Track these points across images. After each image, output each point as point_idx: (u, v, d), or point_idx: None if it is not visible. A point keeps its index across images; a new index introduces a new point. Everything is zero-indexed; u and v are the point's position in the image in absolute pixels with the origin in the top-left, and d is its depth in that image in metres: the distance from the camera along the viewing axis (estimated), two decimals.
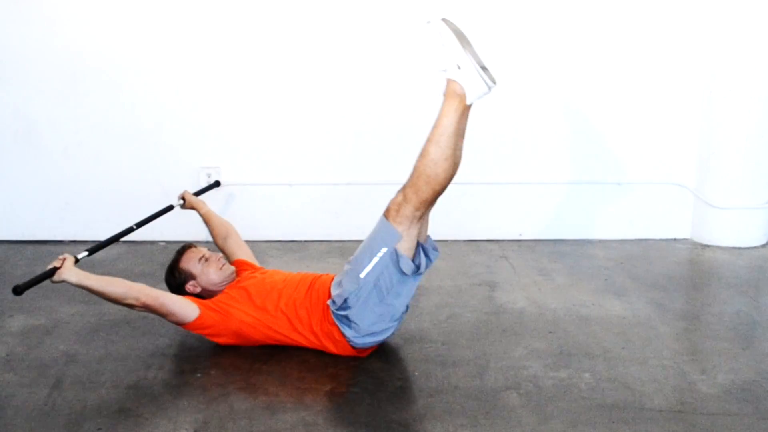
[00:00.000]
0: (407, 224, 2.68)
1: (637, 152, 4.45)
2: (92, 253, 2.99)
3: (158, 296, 2.77)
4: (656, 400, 2.52)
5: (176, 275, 2.97)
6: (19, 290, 2.56)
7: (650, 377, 2.68)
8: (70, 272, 2.67)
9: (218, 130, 4.39)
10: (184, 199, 3.68)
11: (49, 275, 2.65)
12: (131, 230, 3.35)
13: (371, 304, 2.71)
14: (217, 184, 4.31)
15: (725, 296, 3.58)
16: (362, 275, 2.69)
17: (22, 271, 3.86)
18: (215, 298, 2.90)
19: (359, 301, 2.69)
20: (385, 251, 2.68)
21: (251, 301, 2.85)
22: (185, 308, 2.81)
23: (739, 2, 4.14)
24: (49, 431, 2.34)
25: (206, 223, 3.53)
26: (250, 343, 2.89)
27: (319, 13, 4.28)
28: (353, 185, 4.44)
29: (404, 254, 2.69)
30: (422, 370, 2.75)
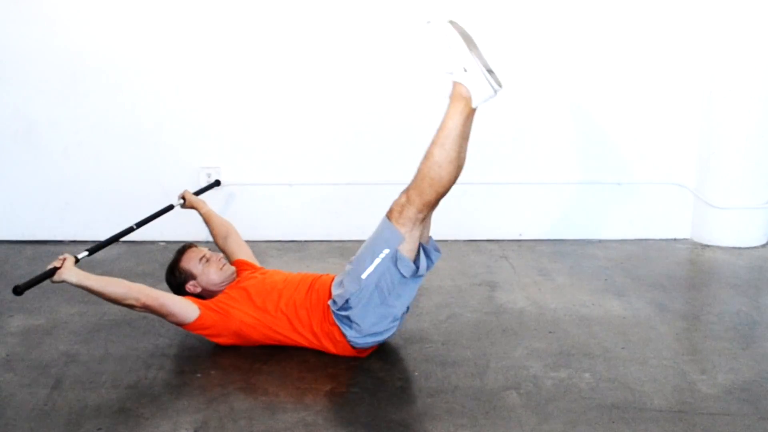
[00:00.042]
0: (410, 226, 2.68)
1: (637, 152, 4.45)
2: (92, 252, 2.99)
3: (158, 297, 2.77)
4: (656, 400, 2.52)
5: (176, 275, 2.98)
6: (19, 290, 2.56)
7: (650, 377, 2.68)
8: (70, 272, 2.67)
9: (218, 130, 4.39)
10: (184, 198, 3.68)
11: (49, 275, 2.65)
12: (131, 230, 3.35)
13: (373, 305, 2.71)
14: (217, 183, 4.31)
15: (725, 296, 3.58)
16: (364, 276, 2.69)
17: (22, 271, 3.86)
18: (215, 298, 2.90)
19: (361, 301, 2.69)
20: (387, 252, 2.68)
21: (251, 301, 2.85)
22: (185, 309, 2.81)
23: (739, 3, 4.14)
24: (49, 431, 2.34)
25: (206, 222, 3.52)
26: (250, 343, 2.89)
27: (318, 13, 4.28)
28: (353, 185, 4.44)
29: (405, 256, 2.69)
30: (422, 370, 2.75)
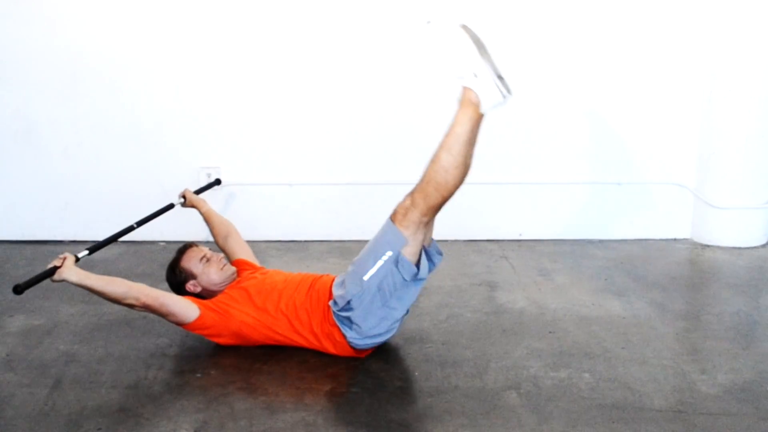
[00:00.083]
0: (414, 229, 2.67)
1: (637, 152, 4.45)
2: (93, 251, 2.99)
3: (158, 296, 2.77)
4: (656, 400, 2.52)
5: (177, 274, 2.97)
6: (19, 289, 2.55)
7: (650, 377, 2.67)
8: (70, 271, 2.66)
9: (218, 130, 4.39)
10: (184, 197, 3.67)
11: (49, 274, 2.64)
12: (132, 229, 3.34)
13: (374, 307, 2.70)
14: (217, 182, 4.31)
15: (725, 296, 3.58)
16: (366, 278, 2.68)
17: (22, 271, 3.86)
18: (215, 298, 2.89)
19: (362, 303, 2.69)
20: (389, 255, 2.67)
21: (251, 301, 2.84)
22: (185, 308, 2.80)
23: (739, 2, 4.14)
24: (49, 431, 2.34)
25: (207, 221, 3.51)
26: (250, 343, 2.89)
27: (318, 13, 4.28)
28: (353, 185, 4.44)
29: (408, 259, 2.68)
30: (422, 370, 2.75)
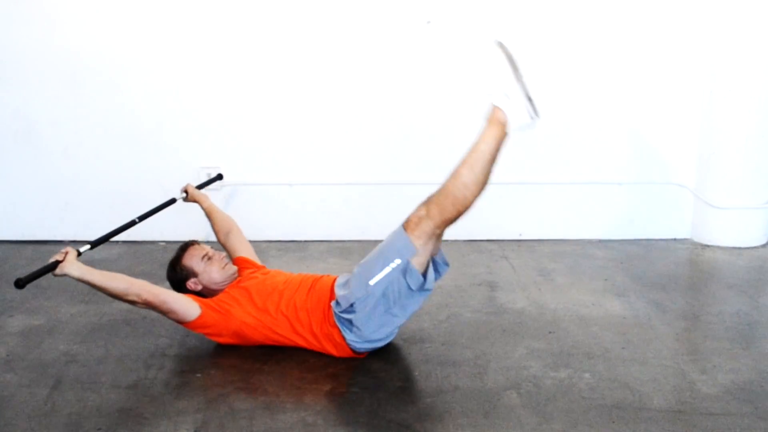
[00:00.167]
0: (425, 239, 2.66)
1: (637, 152, 4.45)
2: (94, 246, 2.96)
3: (160, 294, 2.76)
4: (656, 400, 2.52)
5: (178, 271, 2.96)
6: (21, 283, 2.54)
7: (650, 377, 2.67)
8: (72, 266, 2.65)
9: (218, 130, 4.39)
10: (186, 192, 3.64)
11: (51, 269, 2.63)
12: (134, 223, 3.31)
13: (377, 312, 2.70)
14: (219, 177, 4.28)
15: (725, 296, 3.58)
16: (372, 282, 2.68)
17: (22, 271, 3.83)
18: (216, 297, 2.89)
19: (366, 308, 2.68)
20: (398, 263, 2.66)
21: (252, 301, 2.84)
22: (187, 307, 2.80)
23: (739, 3, 4.14)
24: (49, 431, 2.34)
25: (208, 217, 3.48)
26: (250, 343, 2.88)
27: (318, 13, 4.28)
28: (353, 185, 4.44)
29: (416, 268, 2.67)
30: (422, 370, 2.75)
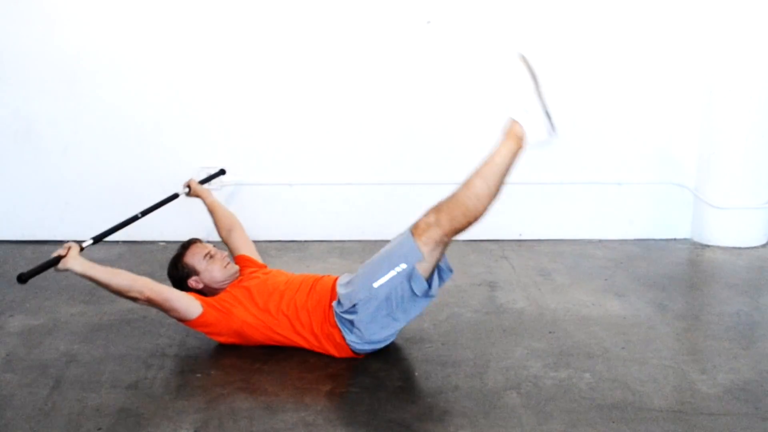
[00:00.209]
0: (432, 246, 2.65)
1: (637, 152, 4.44)
2: (97, 241, 2.95)
3: (162, 291, 2.76)
4: (656, 400, 2.52)
5: (179, 268, 2.94)
6: (23, 278, 2.54)
7: (650, 377, 2.67)
8: (75, 261, 2.64)
9: (218, 130, 4.39)
10: (189, 187, 3.62)
11: (53, 263, 2.62)
12: (136, 218, 3.28)
13: (379, 315, 2.70)
14: (222, 172, 4.25)
15: (725, 296, 3.58)
16: (376, 285, 2.67)
17: (22, 271, 3.84)
18: (218, 296, 2.89)
19: (368, 309, 2.68)
20: (403, 267, 2.66)
21: (254, 301, 2.84)
22: (188, 305, 2.80)
23: (739, 3, 4.14)
24: (49, 431, 2.34)
25: (211, 213, 3.45)
26: (250, 343, 2.88)
27: (317, 13, 4.28)
28: (353, 185, 4.43)
29: (420, 274, 2.67)
30: (422, 370, 2.75)
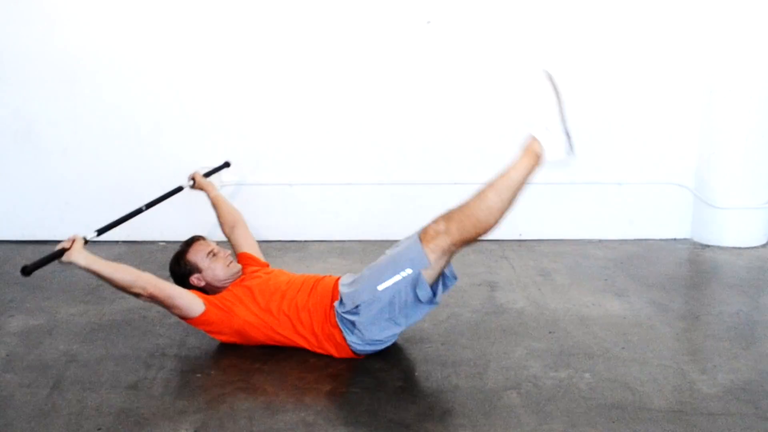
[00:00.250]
0: (439, 254, 2.65)
1: (637, 152, 4.44)
2: (101, 233, 2.93)
3: (165, 288, 2.75)
4: (656, 400, 2.52)
5: (182, 265, 2.94)
6: (27, 270, 2.53)
7: (650, 377, 2.67)
8: (79, 254, 2.63)
9: (218, 130, 4.39)
10: (194, 179, 3.61)
11: (57, 256, 2.61)
12: (140, 211, 3.27)
13: (381, 318, 2.70)
14: (226, 164, 4.23)
15: (725, 296, 3.58)
16: (380, 288, 2.67)
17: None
18: (220, 295, 2.88)
19: (370, 312, 2.68)
20: (409, 273, 2.66)
21: (255, 301, 2.84)
22: (191, 303, 2.80)
23: (739, 3, 4.14)
24: (49, 431, 2.34)
25: (215, 207, 3.45)
26: (251, 342, 2.88)
27: (317, 13, 4.28)
28: (354, 185, 4.43)
29: (426, 281, 2.67)
30: (422, 370, 2.75)
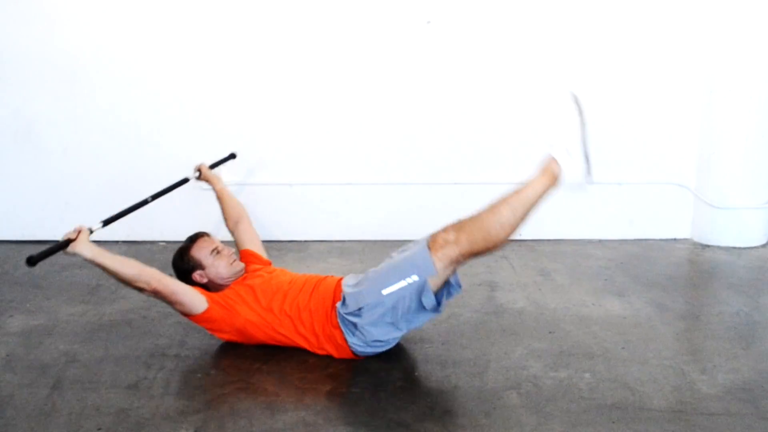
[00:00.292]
0: (446, 263, 2.65)
1: (637, 152, 4.44)
2: (107, 224, 2.92)
3: (169, 284, 2.75)
4: (656, 400, 2.52)
5: (185, 261, 2.93)
6: (33, 261, 2.52)
7: (650, 377, 2.67)
8: (84, 246, 2.63)
9: (218, 130, 4.39)
10: (200, 171, 3.59)
11: (62, 247, 2.60)
12: (146, 202, 3.24)
13: (383, 321, 2.70)
14: (232, 156, 4.19)
15: (725, 296, 3.58)
16: (385, 292, 2.67)
17: (22, 271, 3.86)
18: (223, 293, 2.88)
19: (373, 315, 2.68)
20: (415, 280, 2.65)
21: (257, 300, 2.84)
22: (194, 300, 2.80)
23: (739, 3, 4.14)
24: (49, 431, 2.34)
25: (219, 200, 3.44)
26: (251, 341, 2.88)
27: (317, 14, 4.28)
28: (353, 185, 4.44)
29: (430, 289, 2.67)
30: (422, 370, 2.75)
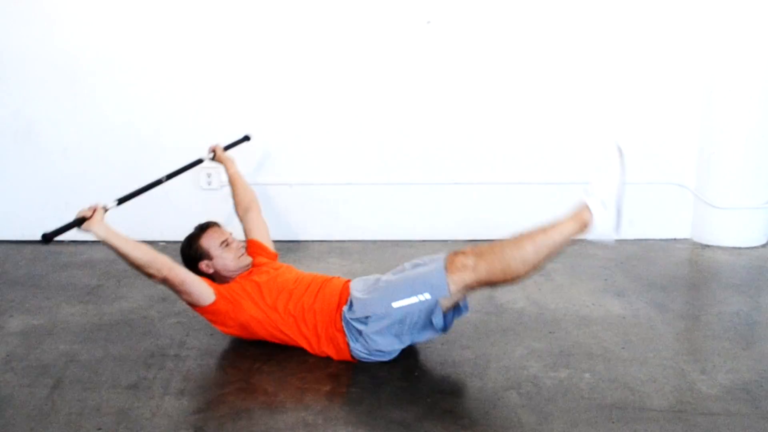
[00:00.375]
0: (460, 286, 2.64)
1: (637, 152, 4.43)
2: (122, 202, 2.92)
3: (180, 273, 2.74)
4: (656, 400, 2.52)
5: (193, 249, 2.92)
6: (47, 237, 2.53)
7: (650, 377, 2.67)
8: (99, 226, 2.63)
9: (217, 130, 4.36)
10: (214, 152, 3.58)
11: (77, 224, 2.61)
12: (160, 182, 3.23)
13: (389, 333, 2.70)
14: (246, 138, 4.11)
15: (725, 296, 3.58)
16: (395, 305, 2.67)
17: (22, 271, 3.86)
18: (229, 286, 2.88)
19: (380, 325, 2.68)
20: (427, 298, 2.65)
21: (262, 297, 2.84)
22: (203, 292, 2.80)
23: (739, 3, 4.14)
24: (49, 431, 2.34)
25: (231, 184, 3.44)
26: (253, 337, 2.89)
27: (317, 14, 4.28)
28: (353, 185, 4.44)
29: (441, 309, 2.66)
30: (422, 370, 2.75)
